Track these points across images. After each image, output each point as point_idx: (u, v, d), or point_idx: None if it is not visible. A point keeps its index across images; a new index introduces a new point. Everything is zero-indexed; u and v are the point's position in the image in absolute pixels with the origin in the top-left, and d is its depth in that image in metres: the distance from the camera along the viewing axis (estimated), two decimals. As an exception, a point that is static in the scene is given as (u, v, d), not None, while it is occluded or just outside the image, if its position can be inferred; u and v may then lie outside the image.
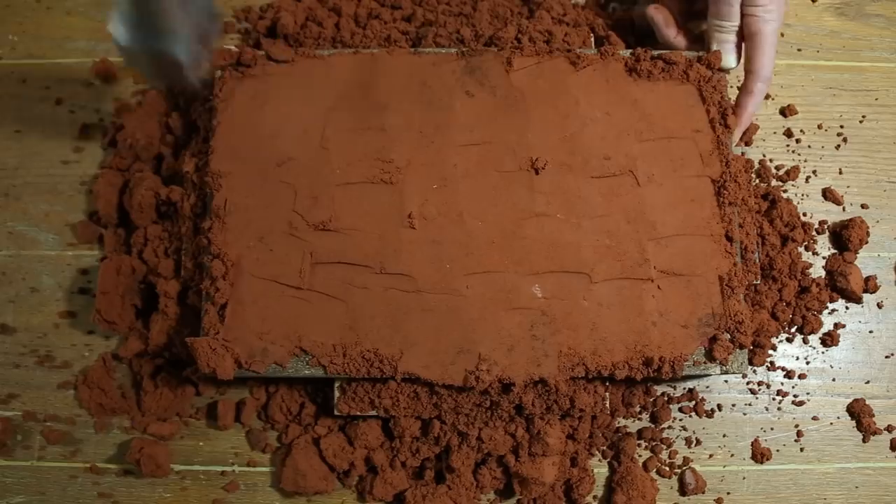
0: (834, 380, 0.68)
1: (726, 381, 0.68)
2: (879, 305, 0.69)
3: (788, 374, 0.67)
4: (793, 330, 0.68)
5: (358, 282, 0.60)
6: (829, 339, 0.68)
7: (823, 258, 0.70)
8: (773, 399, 0.67)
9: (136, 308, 0.67)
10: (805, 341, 0.68)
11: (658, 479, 0.65)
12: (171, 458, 0.65)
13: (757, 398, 0.67)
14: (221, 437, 0.67)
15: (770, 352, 0.67)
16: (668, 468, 0.65)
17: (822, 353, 0.68)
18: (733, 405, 0.67)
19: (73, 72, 0.75)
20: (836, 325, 0.68)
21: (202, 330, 0.60)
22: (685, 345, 0.60)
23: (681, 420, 0.67)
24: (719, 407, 0.67)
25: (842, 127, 0.73)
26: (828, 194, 0.72)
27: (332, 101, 0.65)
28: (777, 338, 0.68)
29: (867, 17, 0.77)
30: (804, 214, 0.71)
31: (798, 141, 0.73)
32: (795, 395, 0.67)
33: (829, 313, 0.69)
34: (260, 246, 0.61)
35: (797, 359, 0.68)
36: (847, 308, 0.69)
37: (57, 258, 0.70)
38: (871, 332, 0.69)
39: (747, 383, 0.67)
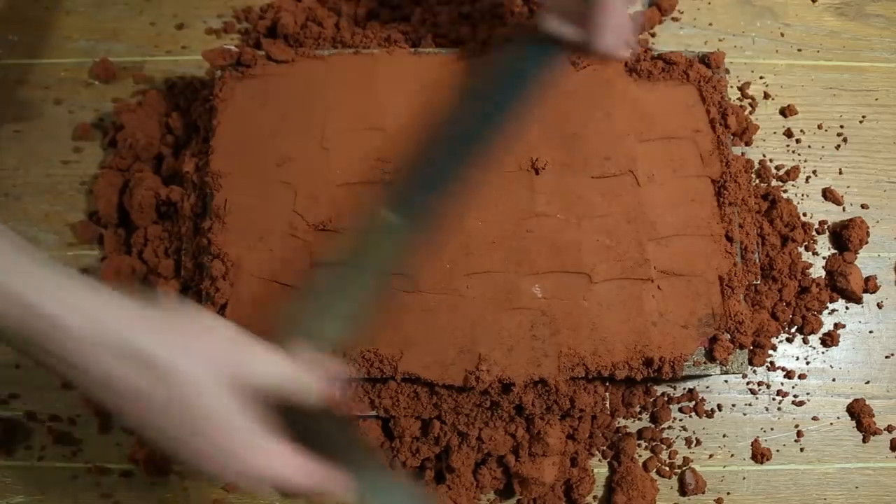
0: (834, 380, 0.68)
1: (726, 382, 0.68)
2: (879, 305, 0.69)
3: (788, 375, 0.67)
4: (793, 330, 0.68)
5: (358, 282, 0.60)
6: (829, 339, 0.68)
7: (823, 258, 0.70)
8: (773, 399, 0.67)
9: (136, 308, 0.67)
10: (805, 341, 0.68)
11: (658, 479, 0.65)
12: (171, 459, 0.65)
13: (757, 398, 0.67)
14: (222, 437, 0.66)
15: (770, 352, 0.67)
16: (668, 468, 0.65)
17: (822, 353, 0.68)
18: (733, 405, 0.67)
19: (73, 72, 0.75)
20: (836, 326, 0.68)
21: (202, 330, 0.60)
22: (685, 345, 0.60)
23: (681, 420, 0.67)
24: (719, 407, 0.67)
25: (842, 127, 0.73)
26: (828, 194, 0.72)
27: (332, 101, 0.65)
28: (777, 338, 0.68)
29: (867, 17, 0.77)
30: (804, 214, 0.71)
31: (798, 141, 0.73)
32: (795, 396, 0.67)
33: (829, 313, 0.69)
34: (260, 246, 0.61)
35: (797, 359, 0.68)
36: (847, 308, 0.69)
37: (57, 258, 0.70)
38: (871, 332, 0.69)
39: (747, 383, 0.67)
